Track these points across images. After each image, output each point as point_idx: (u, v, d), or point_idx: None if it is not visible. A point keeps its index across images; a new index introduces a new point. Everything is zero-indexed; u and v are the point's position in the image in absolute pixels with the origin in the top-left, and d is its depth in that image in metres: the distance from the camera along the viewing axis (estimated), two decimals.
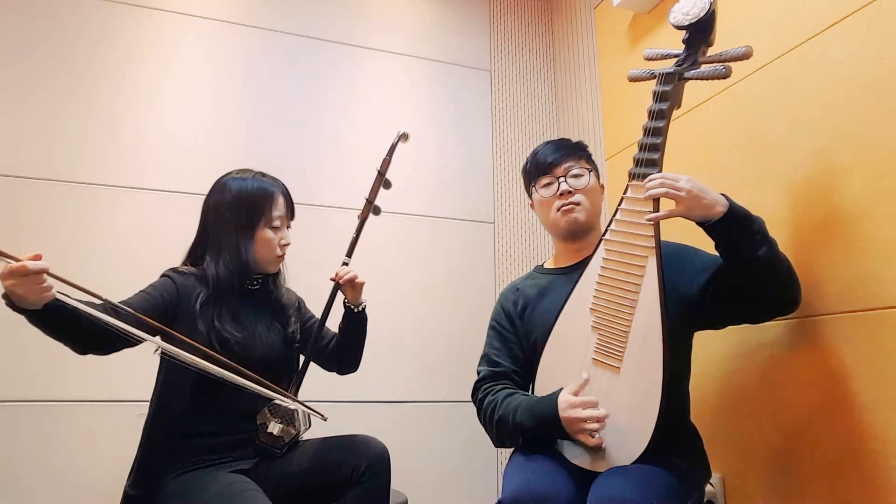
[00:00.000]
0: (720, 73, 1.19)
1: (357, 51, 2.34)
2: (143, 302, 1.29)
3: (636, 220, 1.22)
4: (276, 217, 1.43)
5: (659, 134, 1.22)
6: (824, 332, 1.32)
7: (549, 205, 1.43)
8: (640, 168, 1.23)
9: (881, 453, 1.19)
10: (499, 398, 1.32)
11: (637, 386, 1.17)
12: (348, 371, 1.60)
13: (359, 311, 1.54)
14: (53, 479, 1.71)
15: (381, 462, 1.33)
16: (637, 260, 1.21)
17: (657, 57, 1.30)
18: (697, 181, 1.17)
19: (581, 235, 1.43)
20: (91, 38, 2.00)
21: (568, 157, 1.43)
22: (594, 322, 1.25)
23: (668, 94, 1.23)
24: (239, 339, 1.35)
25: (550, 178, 1.43)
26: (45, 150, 1.89)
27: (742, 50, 1.17)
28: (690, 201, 1.15)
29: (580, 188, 1.40)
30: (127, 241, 1.90)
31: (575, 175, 1.41)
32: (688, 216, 1.17)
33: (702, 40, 1.24)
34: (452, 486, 2.09)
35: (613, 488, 1.08)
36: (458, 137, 2.42)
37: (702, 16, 1.19)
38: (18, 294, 1.02)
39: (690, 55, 1.24)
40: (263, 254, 1.42)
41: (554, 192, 1.41)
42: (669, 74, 1.24)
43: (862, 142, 1.28)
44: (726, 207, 1.15)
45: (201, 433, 1.32)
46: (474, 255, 2.32)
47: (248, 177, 1.45)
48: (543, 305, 1.41)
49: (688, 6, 1.21)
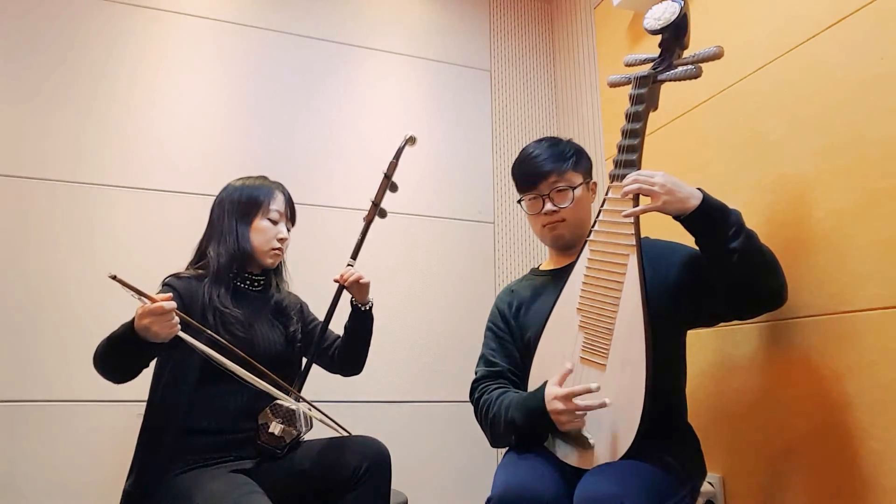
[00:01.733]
0: (691, 74, 1.22)
1: (357, 51, 2.34)
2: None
3: (617, 220, 1.25)
4: (274, 210, 1.49)
5: (636, 135, 1.26)
6: (824, 332, 1.32)
7: (535, 219, 1.45)
8: (619, 169, 1.27)
9: (881, 453, 1.19)
10: (493, 397, 1.34)
11: (622, 382, 1.18)
12: (352, 373, 1.61)
13: (366, 309, 1.55)
14: (53, 479, 1.71)
15: (382, 462, 1.33)
16: (619, 259, 1.23)
17: (636, 62, 1.34)
18: (672, 176, 1.19)
19: (568, 247, 1.45)
20: (91, 39, 2.00)
21: (552, 171, 1.40)
22: (581, 321, 1.28)
23: (643, 97, 1.27)
24: (239, 315, 1.38)
25: (535, 194, 1.43)
26: (45, 150, 1.89)
27: (713, 50, 1.20)
28: (665, 195, 1.17)
29: (564, 205, 1.40)
30: (127, 242, 1.90)
31: (560, 190, 1.40)
32: (663, 210, 1.19)
33: (675, 44, 1.27)
34: (452, 486, 2.09)
35: (599, 485, 1.08)
36: (458, 137, 2.42)
37: (673, 20, 1.23)
38: (154, 331, 1.13)
39: (665, 58, 1.28)
40: (259, 243, 1.47)
41: (538, 210, 1.42)
42: (644, 78, 1.28)
43: (862, 142, 1.28)
44: (700, 200, 1.17)
45: (202, 431, 1.32)
46: (474, 255, 2.32)
47: (254, 178, 1.54)
48: (536, 306, 1.43)
49: (659, 12, 1.26)
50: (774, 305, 1.26)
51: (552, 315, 1.34)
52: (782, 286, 1.23)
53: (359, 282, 1.51)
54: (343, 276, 1.51)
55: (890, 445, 1.18)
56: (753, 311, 1.28)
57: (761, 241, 1.21)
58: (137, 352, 1.20)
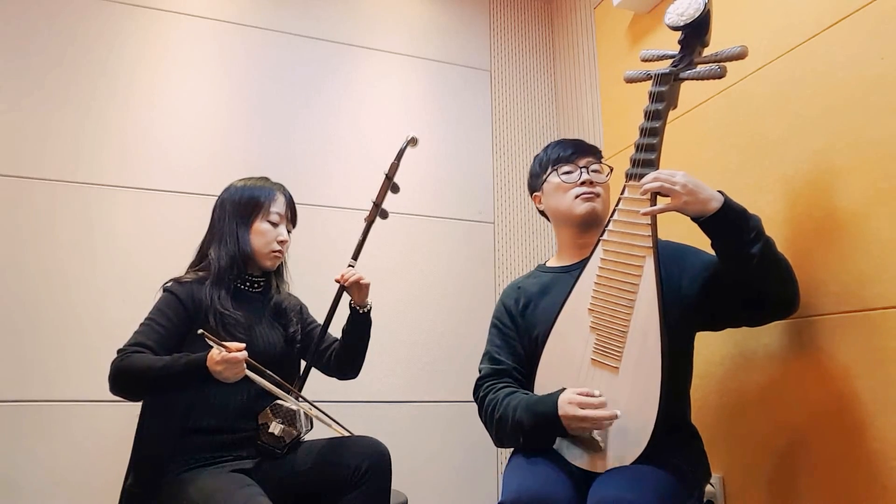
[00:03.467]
0: (716, 73, 1.19)
1: (357, 51, 2.34)
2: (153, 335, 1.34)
3: (633, 220, 1.22)
4: (274, 212, 1.48)
5: (655, 134, 1.22)
6: (825, 332, 1.32)
7: (567, 190, 1.42)
8: (636, 168, 1.24)
9: (881, 453, 1.19)
10: (499, 396, 1.32)
11: (636, 386, 1.16)
12: (349, 376, 1.61)
13: (364, 312, 1.54)
14: (54, 478, 1.71)
15: (382, 462, 1.33)
16: (634, 260, 1.21)
17: (653, 58, 1.31)
18: (693, 177, 1.17)
19: (593, 226, 1.41)
20: (91, 38, 2.00)
21: (589, 154, 1.45)
22: (592, 322, 1.26)
23: (664, 95, 1.23)
24: (239, 317, 1.39)
25: (572, 167, 1.43)
26: (45, 150, 1.89)
27: (737, 50, 1.17)
28: (686, 195, 1.15)
29: (600, 182, 1.43)
30: (126, 242, 1.90)
31: (596, 170, 1.43)
32: (683, 211, 1.17)
33: (697, 41, 1.24)
34: (452, 486, 2.09)
35: (612, 489, 1.08)
36: (458, 137, 2.42)
37: (696, 16, 1.19)
38: (224, 376, 1.24)
39: (686, 56, 1.24)
40: (259, 245, 1.47)
41: (576, 180, 1.42)
42: (665, 75, 1.24)
43: (862, 142, 1.28)
44: (721, 203, 1.15)
45: (202, 430, 1.32)
46: (474, 255, 2.32)
47: (255, 179, 1.54)
48: (545, 303, 1.41)
49: (682, 7, 1.22)
50: (787, 314, 1.25)
51: (562, 313, 1.31)
52: (796, 294, 1.23)
53: (359, 283, 1.50)
54: (344, 277, 1.50)
55: (891, 445, 1.18)
56: (766, 319, 1.28)
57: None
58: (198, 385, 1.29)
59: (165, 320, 1.35)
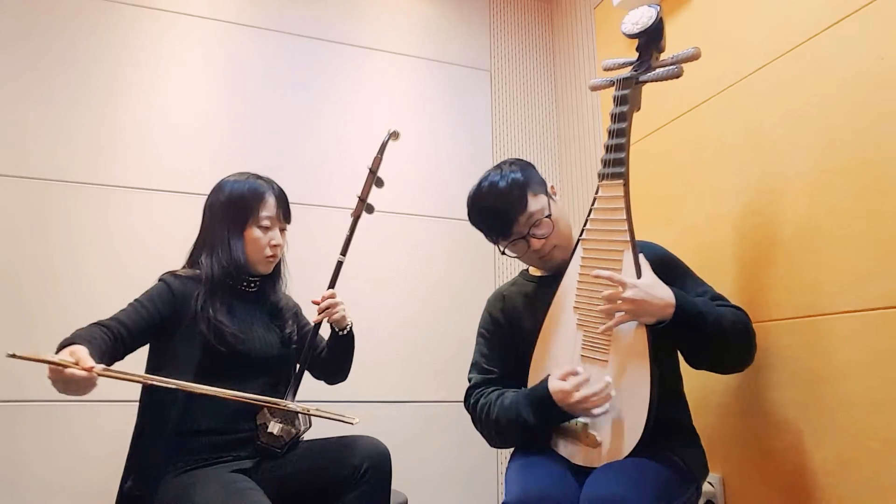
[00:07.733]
0: (673, 74, 1.26)
1: (357, 50, 2.34)
2: (134, 314, 1.32)
3: (609, 218, 1.27)
4: (265, 217, 1.45)
5: (622, 135, 1.28)
6: (824, 331, 1.32)
7: (525, 257, 1.41)
8: (608, 168, 1.29)
9: (881, 453, 1.19)
10: (491, 399, 1.34)
11: (626, 378, 1.18)
12: (336, 381, 1.62)
13: (343, 334, 1.54)
14: (54, 478, 1.71)
15: (382, 462, 1.33)
16: (613, 255, 1.25)
17: (615, 66, 1.38)
18: (647, 283, 1.18)
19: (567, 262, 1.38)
20: (91, 38, 2.00)
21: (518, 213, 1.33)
22: (578, 320, 1.29)
23: (626, 98, 1.30)
24: (235, 331, 1.36)
25: (508, 242, 1.38)
26: (45, 150, 1.89)
27: (691, 51, 1.24)
28: (637, 309, 1.17)
29: (544, 233, 1.35)
30: (126, 242, 1.90)
31: (537, 223, 1.34)
32: (639, 321, 1.19)
33: (653, 46, 1.31)
34: (452, 486, 2.09)
35: (606, 484, 1.08)
36: (458, 137, 2.42)
37: (650, 24, 1.28)
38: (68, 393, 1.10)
39: (644, 61, 1.32)
40: (252, 253, 1.45)
41: (526, 249, 1.38)
42: (626, 79, 1.32)
43: (862, 142, 1.28)
44: (674, 307, 1.16)
45: (201, 431, 1.32)
46: (474, 255, 2.32)
47: (243, 178, 1.49)
48: (530, 311, 1.41)
49: (636, 16, 1.31)
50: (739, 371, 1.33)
51: (547, 318, 1.34)
52: (751, 358, 1.29)
53: (330, 314, 1.48)
54: (320, 307, 1.49)
55: (890, 445, 1.18)
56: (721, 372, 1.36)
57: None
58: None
59: (151, 305, 1.34)
